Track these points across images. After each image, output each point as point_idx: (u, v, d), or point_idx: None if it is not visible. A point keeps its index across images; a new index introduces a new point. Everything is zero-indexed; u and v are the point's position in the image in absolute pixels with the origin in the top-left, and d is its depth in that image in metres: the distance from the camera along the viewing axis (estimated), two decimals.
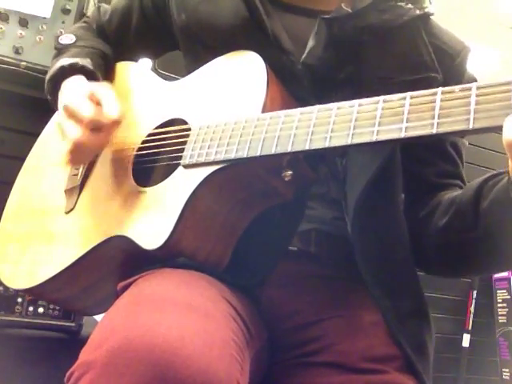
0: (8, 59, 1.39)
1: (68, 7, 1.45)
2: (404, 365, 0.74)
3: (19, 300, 1.17)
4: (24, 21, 1.41)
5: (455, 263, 0.83)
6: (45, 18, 1.43)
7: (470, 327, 2.48)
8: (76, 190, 0.89)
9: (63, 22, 1.45)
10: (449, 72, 0.83)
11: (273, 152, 0.64)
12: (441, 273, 0.90)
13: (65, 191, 0.91)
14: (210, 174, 0.68)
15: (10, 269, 0.90)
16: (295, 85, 0.78)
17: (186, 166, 0.72)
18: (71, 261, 0.79)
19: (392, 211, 0.82)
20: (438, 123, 0.54)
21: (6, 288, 1.16)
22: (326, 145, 0.60)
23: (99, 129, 0.76)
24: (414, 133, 0.55)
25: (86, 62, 0.90)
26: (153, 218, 0.72)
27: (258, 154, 0.65)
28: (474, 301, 2.49)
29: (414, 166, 0.85)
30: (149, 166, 0.81)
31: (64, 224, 0.87)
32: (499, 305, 2.52)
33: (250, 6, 0.80)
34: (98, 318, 1.31)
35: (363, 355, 0.73)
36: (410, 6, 0.79)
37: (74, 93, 0.82)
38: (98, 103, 0.78)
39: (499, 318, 2.51)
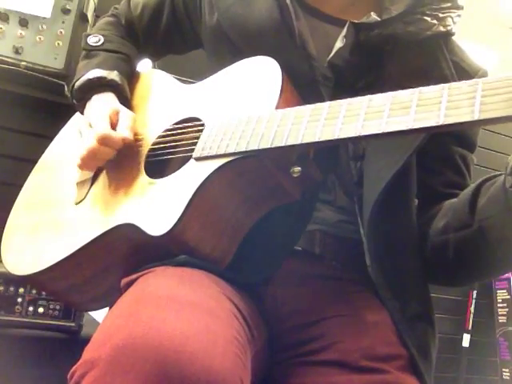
0: (8, 59, 1.39)
1: (68, 7, 1.45)
2: (406, 365, 0.75)
3: (19, 300, 1.17)
4: (24, 21, 1.41)
5: (452, 265, 0.83)
6: (45, 18, 1.43)
7: (469, 327, 2.48)
8: (88, 182, 0.91)
9: (63, 22, 1.45)
10: None
11: (283, 144, 0.65)
12: (438, 278, 0.90)
13: (76, 184, 0.92)
14: (220, 166, 0.69)
15: (16, 257, 0.91)
16: (312, 91, 0.79)
17: (198, 159, 0.73)
18: (77, 247, 0.80)
19: (406, 215, 0.84)
20: (445, 114, 0.54)
21: (6, 288, 1.16)
22: (336, 136, 0.61)
23: (108, 144, 0.82)
24: (423, 124, 0.56)
25: (114, 75, 0.94)
26: (161, 207, 0.73)
27: (269, 146, 0.66)
28: (474, 301, 2.49)
29: (423, 174, 0.87)
30: (161, 160, 0.83)
31: (72, 214, 0.88)
32: (499, 305, 2.52)
33: (282, 9, 0.83)
34: (98, 318, 1.32)
35: (365, 354, 0.73)
36: (434, 21, 0.81)
37: (99, 109, 0.88)
38: (117, 122, 0.86)
39: (499, 317, 2.51)
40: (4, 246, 0.95)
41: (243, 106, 0.75)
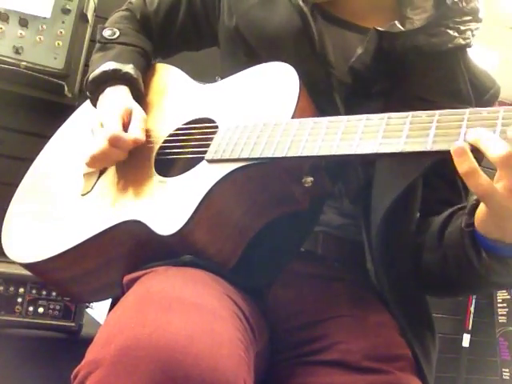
0: (8, 59, 1.39)
1: (68, 7, 1.45)
2: (408, 365, 0.75)
3: (19, 300, 1.17)
4: (24, 21, 1.41)
5: (424, 281, 0.85)
6: (45, 18, 1.44)
7: (470, 327, 2.48)
8: (95, 174, 0.90)
9: (63, 22, 1.45)
10: (476, 106, 0.84)
11: (299, 154, 0.65)
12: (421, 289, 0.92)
13: (84, 174, 0.91)
14: (232, 171, 0.69)
15: (18, 244, 0.90)
16: (326, 96, 0.80)
17: (210, 161, 0.72)
18: (81, 240, 0.80)
19: (411, 224, 0.85)
20: (464, 139, 0.55)
21: (6, 288, 1.16)
22: (353, 151, 0.61)
23: (118, 145, 0.81)
24: (440, 146, 0.56)
25: (129, 68, 0.92)
26: (170, 206, 0.73)
27: (284, 155, 0.65)
28: (474, 301, 2.49)
29: (422, 189, 0.86)
30: (172, 158, 0.83)
31: (78, 205, 0.88)
32: (499, 305, 2.52)
33: (303, 14, 0.83)
34: (98, 317, 1.32)
35: (367, 354, 0.73)
36: (456, 34, 0.82)
37: (112, 106, 0.87)
38: (130, 122, 0.85)
39: (499, 317, 2.51)
40: (5, 233, 0.94)
41: (259, 112, 0.75)
